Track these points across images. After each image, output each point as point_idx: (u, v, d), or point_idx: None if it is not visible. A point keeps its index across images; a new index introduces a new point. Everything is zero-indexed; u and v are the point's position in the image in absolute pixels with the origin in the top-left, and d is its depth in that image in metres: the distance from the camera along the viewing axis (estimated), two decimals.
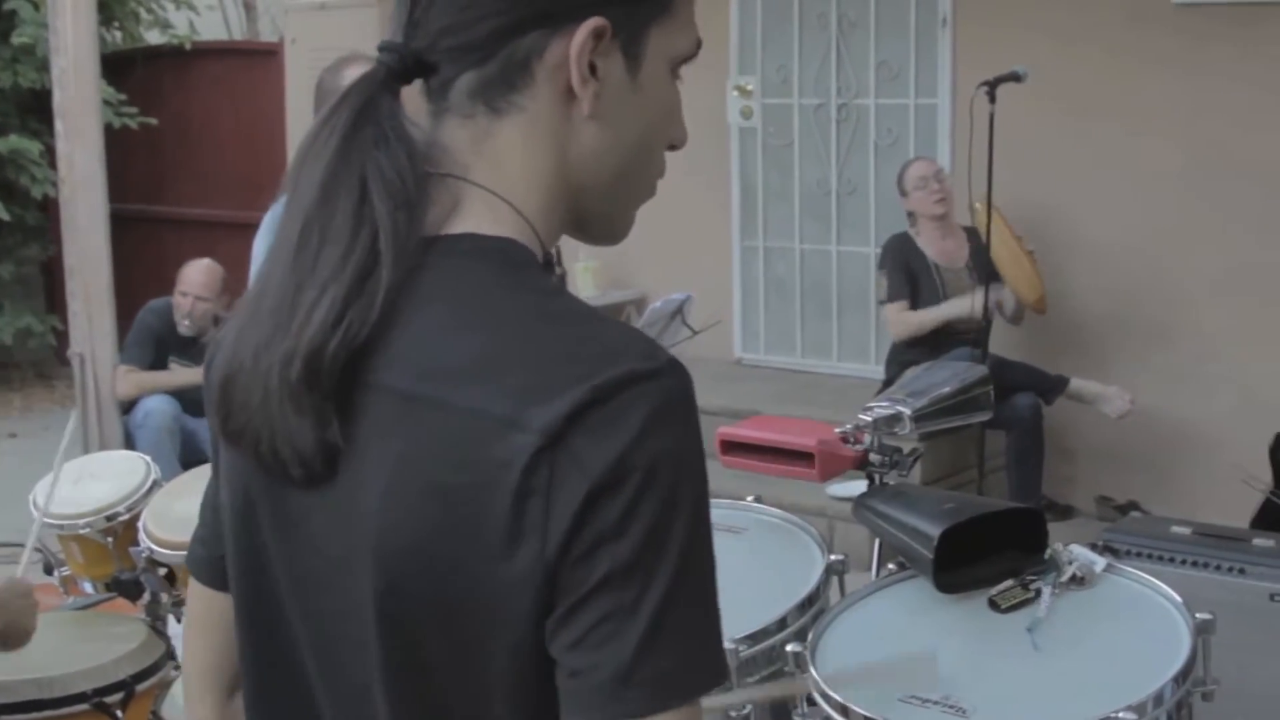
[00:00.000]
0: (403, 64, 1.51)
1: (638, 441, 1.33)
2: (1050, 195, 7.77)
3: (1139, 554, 5.28)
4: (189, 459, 7.56)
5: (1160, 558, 5.27)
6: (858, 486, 3.54)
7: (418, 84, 1.54)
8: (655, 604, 1.33)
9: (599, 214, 1.59)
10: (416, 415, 1.40)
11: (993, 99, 6.60)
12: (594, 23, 1.48)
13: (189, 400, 7.88)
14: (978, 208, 6.92)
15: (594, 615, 1.34)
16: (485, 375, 1.38)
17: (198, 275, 8.08)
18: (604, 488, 1.32)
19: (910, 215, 7.57)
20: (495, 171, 1.51)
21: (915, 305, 7.40)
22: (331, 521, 1.47)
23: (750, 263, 8.93)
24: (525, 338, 1.40)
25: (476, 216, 1.49)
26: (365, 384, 1.43)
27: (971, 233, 7.40)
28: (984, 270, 7.08)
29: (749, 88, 8.73)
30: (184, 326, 8.05)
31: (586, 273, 8.83)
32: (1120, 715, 2.53)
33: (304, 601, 1.54)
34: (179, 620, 4.39)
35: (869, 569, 3.70)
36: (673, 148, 1.62)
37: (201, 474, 4.45)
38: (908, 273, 7.40)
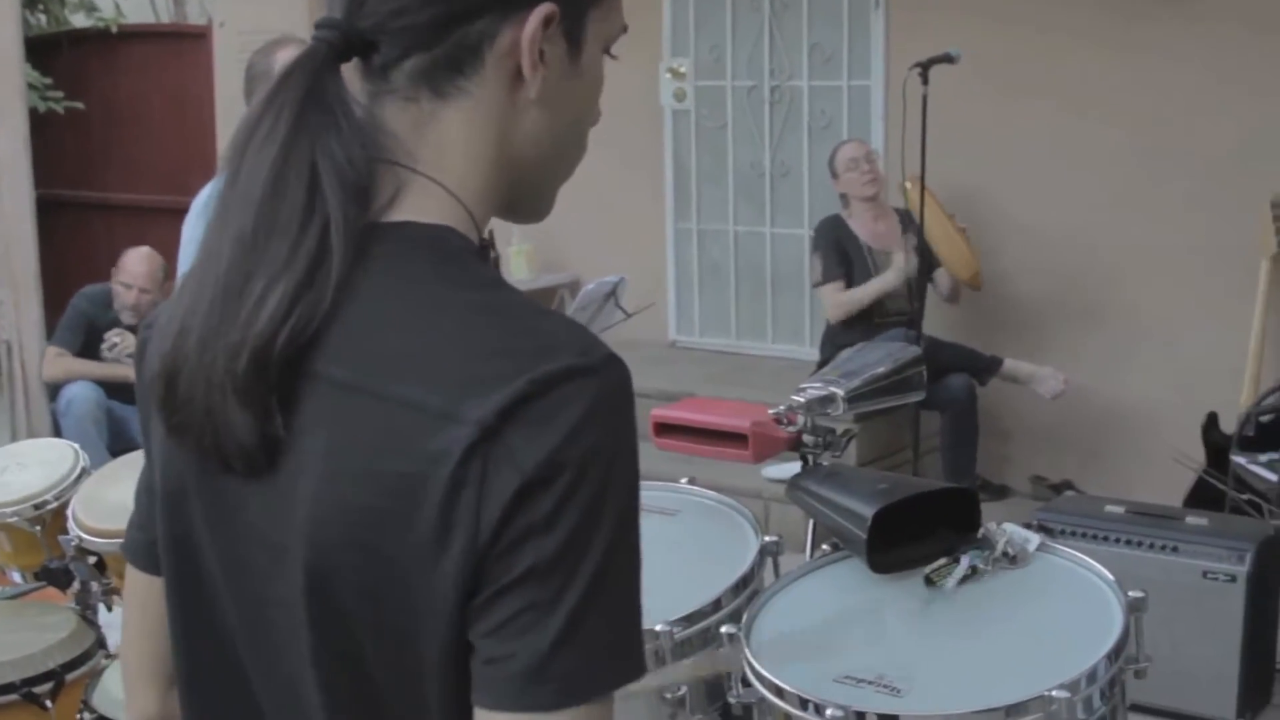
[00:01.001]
0: (345, 41, 1.49)
1: (572, 438, 1.33)
2: (984, 176, 7.79)
3: (1073, 533, 5.31)
4: (118, 446, 7.48)
5: (1094, 536, 5.30)
6: (792, 468, 3.53)
7: (357, 63, 1.52)
8: (575, 600, 1.33)
9: (530, 195, 1.59)
10: (353, 406, 1.40)
11: (925, 80, 6.61)
12: (545, 9, 1.48)
13: (116, 387, 7.80)
14: (909, 187, 6.93)
15: (514, 606, 1.34)
16: (422, 367, 1.38)
17: (140, 265, 7.99)
18: (536, 482, 1.32)
19: (843, 197, 7.57)
20: (437, 156, 1.50)
21: (849, 286, 7.41)
22: (267, 511, 1.46)
23: (684, 245, 8.93)
24: (462, 330, 1.40)
25: (416, 204, 1.49)
26: (306, 374, 1.42)
27: (904, 215, 7.41)
28: (918, 253, 7.08)
29: (682, 70, 8.71)
30: (127, 316, 7.96)
31: (520, 256, 8.80)
32: (1054, 693, 2.55)
33: (237, 590, 1.53)
34: (109, 609, 4.36)
35: (804, 550, 3.70)
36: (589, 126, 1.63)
37: (131, 461, 4.41)
38: (841, 254, 7.41)
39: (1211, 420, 6.93)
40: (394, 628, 1.39)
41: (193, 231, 4.70)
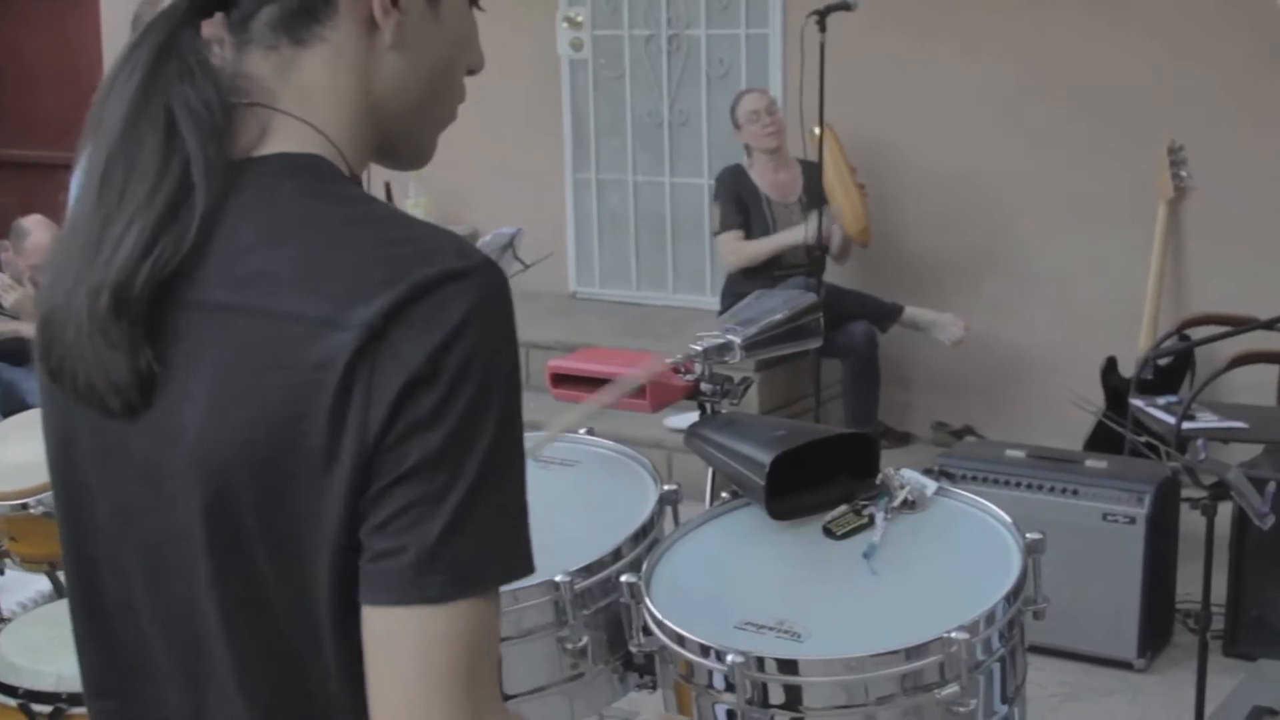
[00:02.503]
0: None
1: (455, 335, 1.37)
2: (883, 124, 7.79)
3: (974, 478, 5.35)
4: (9, 408, 7.35)
5: (995, 481, 5.34)
6: (693, 417, 3.53)
7: (219, 17, 1.55)
8: (462, 494, 1.37)
9: (403, 140, 1.63)
10: (234, 325, 1.43)
11: (823, 28, 6.59)
12: None
13: (8, 350, 7.64)
14: (815, 132, 6.92)
15: (401, 501, 1.37)
16: (302, 281, 1.41)
17: (44, 236, 7.77)
18: (421, 379, 1.36)
19: (746, 147, 7.56)
20: (302, 100, 1.53)
21: (747, 237, 7.40)
22: (153, 447, 1.48)
23: (583, 196, 8.89)
24: (340, 243, 1.43)
25: (284, 140, 1.51)
26: (179, 305, 1.45)
27: (807, 165, 7.40)
28: (816, 206, 7.08)
29: (579, 19, 8.66)
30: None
31: (417, 208, 8.72)
32: (952, 634, 2.56)
33: (129, 532, 1.54)
34: (2, 572, 4.30)
35: (704, 499, 3.69)
36: (471, 73, 1.66)
37: (21, 422, 4.35)
38: (739, 204, 7.40)
39: (1111, 364, 7.00)
40: (290, 541, 1.42)
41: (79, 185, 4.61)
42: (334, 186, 1.50)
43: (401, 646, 1.38)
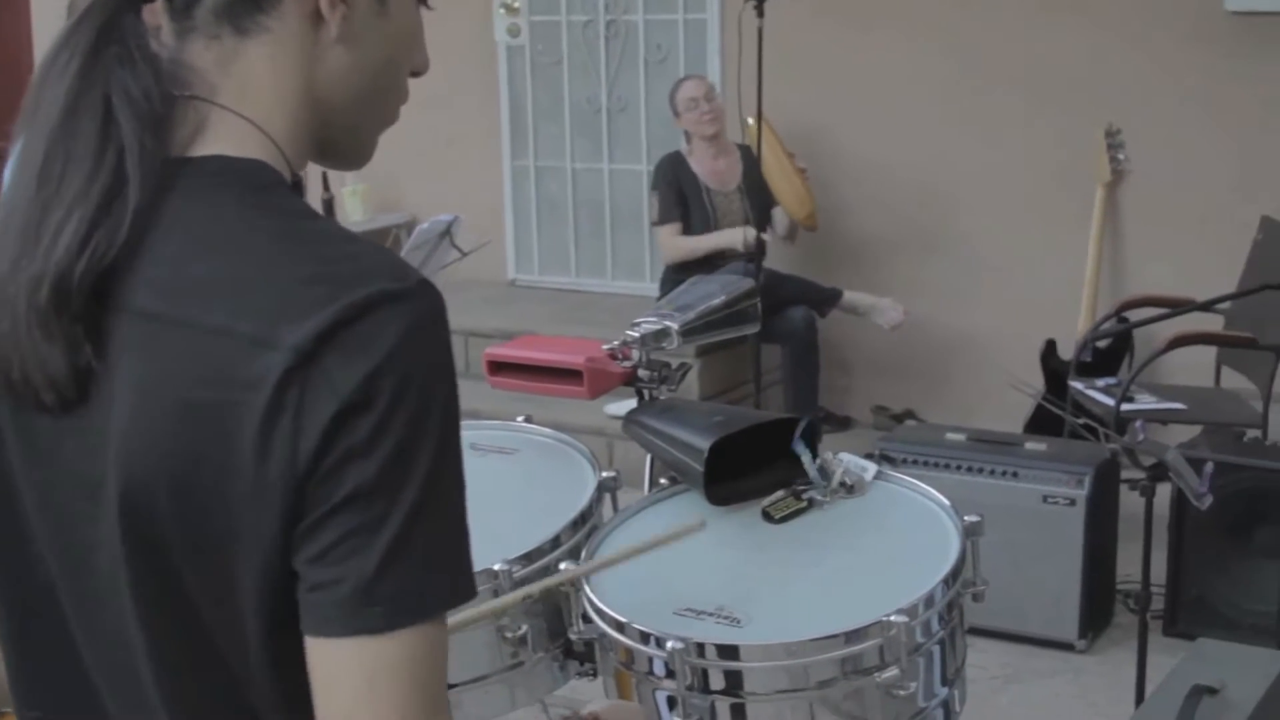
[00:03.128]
0: None
1: (388, 360, 1.33)
2: (822, 109, 7.79)
3: (915, 461, 5.36)
4: None
5: (935, 464, 5.35)
6: (633, 404, 3.52)
7: (160, 3, 1.51)
8: (400, 522, 1.34)
9: (344, 138, 1.60)
10: (165, 336, 1.39)
11: (760, 13, 6.57)
12: None
13: None
14: (750, 123, 6.91)
15: (339, 531, 1.34)
16: (235, 295, 1.38)
17: None
18: (353, 406, 1.33)
19: (685, 133, 7.56)
20: (242, 94, 1.49)
21: (686, 227, 7.40)
22: (82, 448, 1.44)
23: (521, 183, 8.86)
24: (275, 257, 1.40)
25: (223, 138, 1.48)
26: (115, 306, 1.41)
27: (745, 151, 7.40)
28: (756, 192, 7.08)
29: (516, 5, 8.63)
30: None
31: (354, 196, 8.69)
32: (892, 618, 2.57)
33: (55, 534, 1.51)
34: None
35: (643, 485, 3.69)
36: (415, 74, 1.63)
37: None
38: (678, 194, 7.40)
39: (1050, 347, 7.02)
40: (213, 559, 1.39)
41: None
42: (273, 197, 1.46)
43: (346, 678, 1.35)
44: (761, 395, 7.00)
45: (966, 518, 2.84)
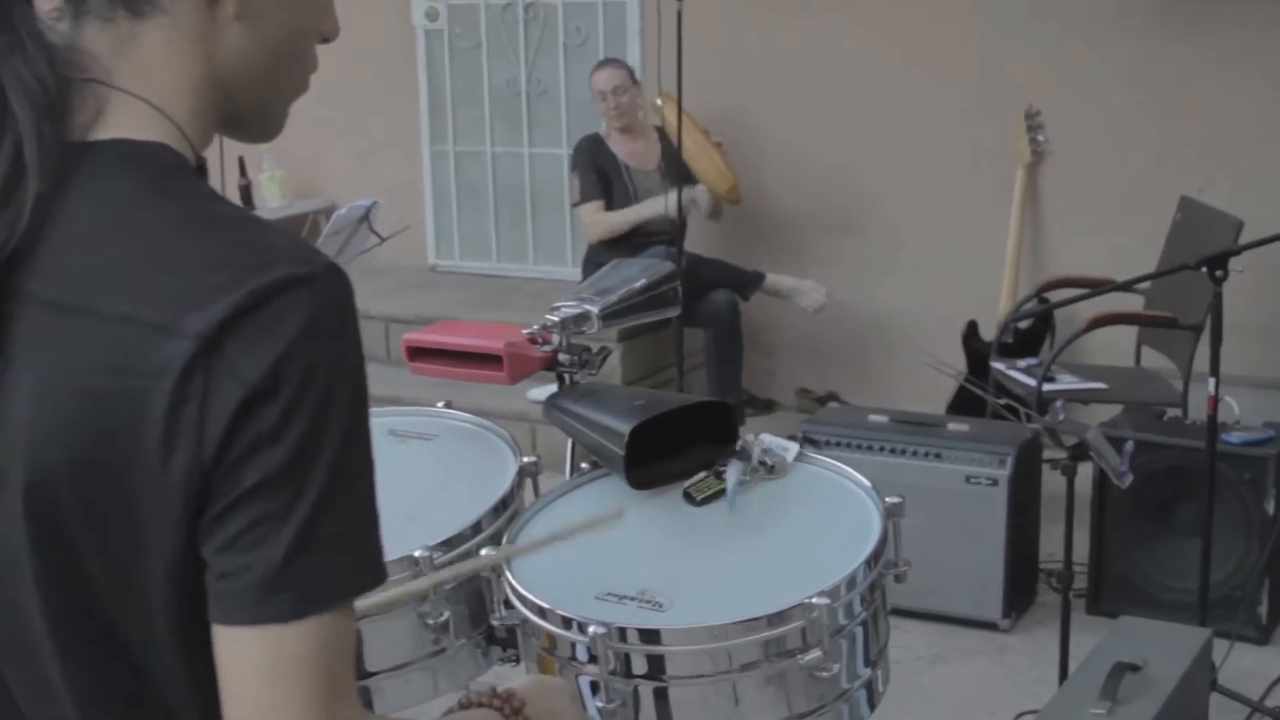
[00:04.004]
0: None
1: (294, 347, 1.32)
2: (742, 92, 7.78)
3: (838, 443, 5.36)
4: None
5: (858, 446, 5.35)
6: (555, 389, 3.51)
7: None
8: (307, 510, 1.33)
9: (251, 113, 1.57)
10: (68, 324, 1.36)
11: None
12: None
13: None
14: (659, 104, 6.90)
15: (246, 519, 1.33)
16: (137, 282, 1.35)
17: None
18: (259, 394, 1.31)
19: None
20: (140, 76, 1.46)
21: (608, 206, 7.38)
22: None
23: (441, 168, 8.80)
24: (179, 243, 1.37)
25: (125, 122, 1.45)
26: (17, 296, 1.39)
27: (663, 132, 7.39)
28: (675, 171, 7.06)
29: None
30: None
31: (272, 182, 8.61)
32: (814, 600, 2.57)
33: None
34: None
35: (564, 470, 3.68)
36: (325, 40, 1.60)
37: None
38: (599, 174, 7.37)
39: (972, 328, 7.05)
40: (119, 547, 1.37)
41: None
42: (176, 181, 1.44)
43: (252, 667, 1.34)
44: (685, 379, 6.99)
45: (888, 499, 2.84)
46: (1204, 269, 4.41)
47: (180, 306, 1.32)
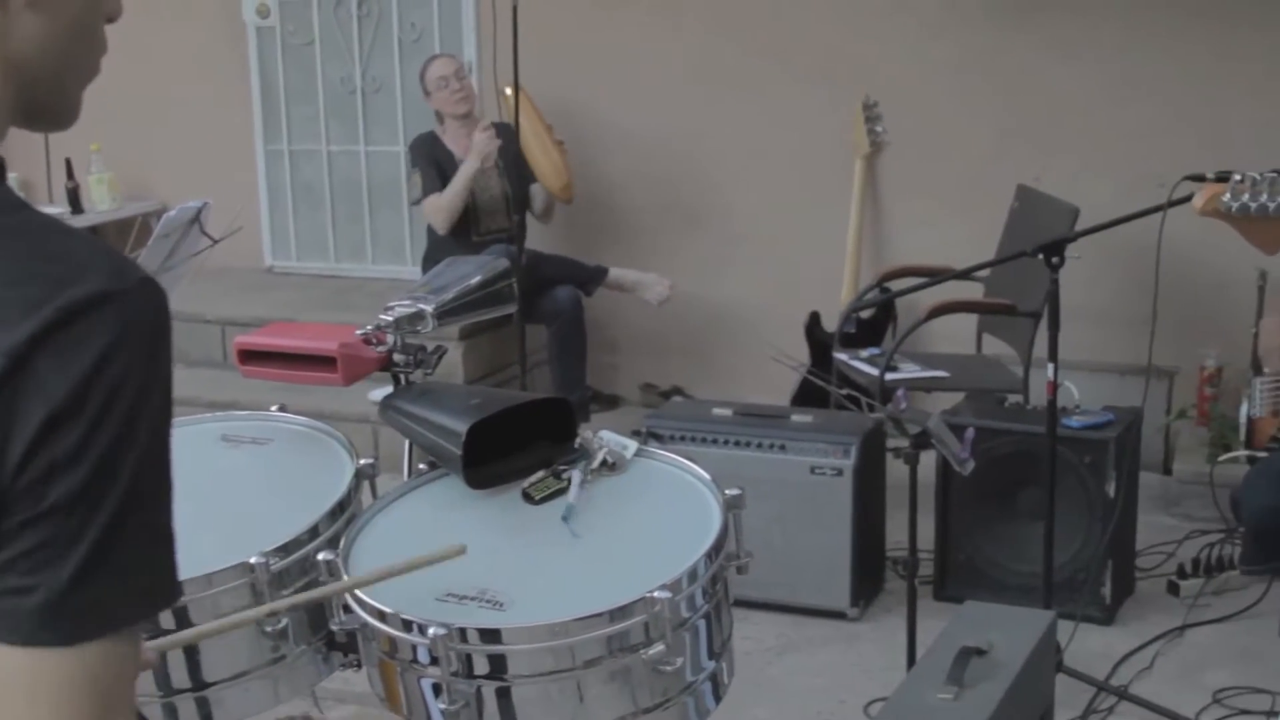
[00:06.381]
0: None
1: (101, 365, 1.28)
2: (580, 85, 7.75)
3: (682, 437, 5.35)
4: None
5: (703, 440, 5.34)
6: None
7: None
8: (98, 534, 1.29)
9: (51, 101, 1.52)
10: None
11: None
12: None
13: None
14: (508, 93, 6.85)
15: (35, 539, 1.28)
16: None
17: None
18: (63, 413, 1.27)
19: (437, 114, 7.46)
20: None
21: None
22: None
23: (276, 167, 8.67)
24: None
25: None
26: None
27: (505, 128, 7.31)
28: (514, 169, 7.01)
29: None
30: None
31: (101, 184, 8.43)
32: (656, 594, 2.59)
33: None
34: None
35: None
36: (110, 20, 1.55)
37: None
38: (439, 170, 7.30)
39: (814, 319, 7.07)
40: None
41: None
42: None
43: (20, 688, 1.30)
44: (528, 376, 6.96)
45: (727, 491, 2.85)
46: (1041, 256, 4.45)
47: None
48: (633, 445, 3.08)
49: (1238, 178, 3.20)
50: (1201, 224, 4.23)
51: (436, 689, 2.66)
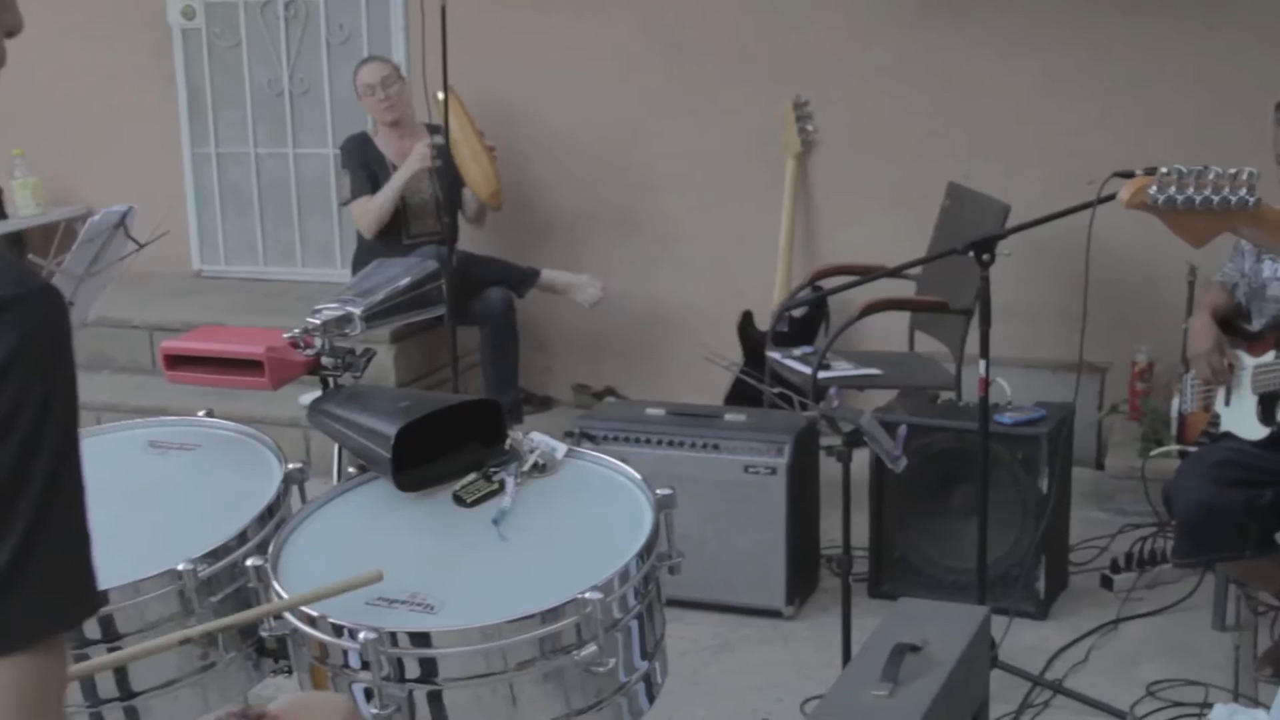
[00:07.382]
0: None
1: (3, 373, 1.28)
2: (512, 87, 7.71)
3: (615, 438, 5.33)
4: None
5: (636, 440, 5.33)
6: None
7: None
8: (14, 547, 1.28)
9: None
10: None
11: None
12: None
13: None
14: (440, 98, 6.81)
15: None
16: None
17: None
18: None
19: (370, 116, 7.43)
20: None
21: None
22: None
23: (203, 170, 8.59)
24: None
25: None
26: None
27: (434, 130, 7.28)
28: (445, 173, 6.97)
29: None
30: None
31: (25, 189, 8.34)
32: (587, 595, 2.59)
33: None
34: None
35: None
36: (10, 35, 1.54)
37: None
38: (369, 172, 7.26)
39: (747, 318, 7.07)
40: None
41: None
42: None
43: None
44: (460, 379, 6.91)
45: (659, 491, 2.83)
46: (972, 253, 4.45)
47: None
48: (563, 447, 3.07)
49: (1164, 170, 3.19)
50: (1132, 220, 4.22)
51: (368, 694, 2.64)
